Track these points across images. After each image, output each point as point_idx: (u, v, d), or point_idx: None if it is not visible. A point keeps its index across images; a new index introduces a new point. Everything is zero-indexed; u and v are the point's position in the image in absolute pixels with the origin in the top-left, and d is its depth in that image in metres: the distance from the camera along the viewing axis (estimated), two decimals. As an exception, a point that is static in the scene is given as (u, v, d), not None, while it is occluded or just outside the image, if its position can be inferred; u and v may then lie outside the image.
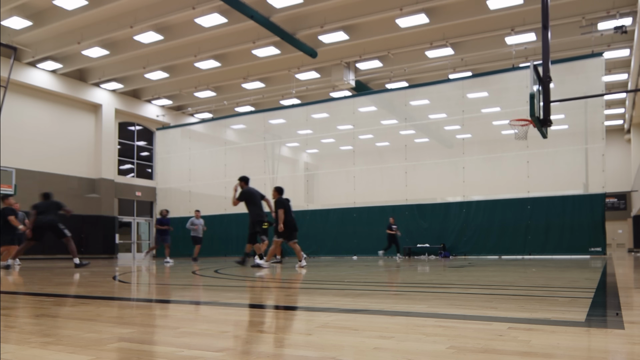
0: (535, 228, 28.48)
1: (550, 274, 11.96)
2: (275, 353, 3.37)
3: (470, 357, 3.15)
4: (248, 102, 44.43)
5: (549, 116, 16.69)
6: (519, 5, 27.22)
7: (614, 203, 51.95)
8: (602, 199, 27.34)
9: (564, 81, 26.90)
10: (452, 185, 31.50)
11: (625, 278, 10.83)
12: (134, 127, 44.55)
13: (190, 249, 29.33)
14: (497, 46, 32.06)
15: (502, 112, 30.65)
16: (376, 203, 32.78)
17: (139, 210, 44.24)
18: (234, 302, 7.02)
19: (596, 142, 27.45)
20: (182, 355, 3.27)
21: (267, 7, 28.58)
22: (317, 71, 37.40)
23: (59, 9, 29.13)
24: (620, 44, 31.58)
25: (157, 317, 5.49)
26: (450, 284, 9.86)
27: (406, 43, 32.51)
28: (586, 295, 6.92)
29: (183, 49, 33.91)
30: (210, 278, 12.17)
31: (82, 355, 3.32)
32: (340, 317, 5.01)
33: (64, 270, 16.60)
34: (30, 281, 11.50)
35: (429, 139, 35.79)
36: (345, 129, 36.23)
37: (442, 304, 6.51)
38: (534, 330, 3.98)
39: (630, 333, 3.89)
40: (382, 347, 3.50)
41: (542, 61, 16.87)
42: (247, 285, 10.09)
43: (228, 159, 39.52)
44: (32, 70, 35.75)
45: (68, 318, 5.14)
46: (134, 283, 11.56)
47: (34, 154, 36.04)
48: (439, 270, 14.71)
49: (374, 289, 9.09)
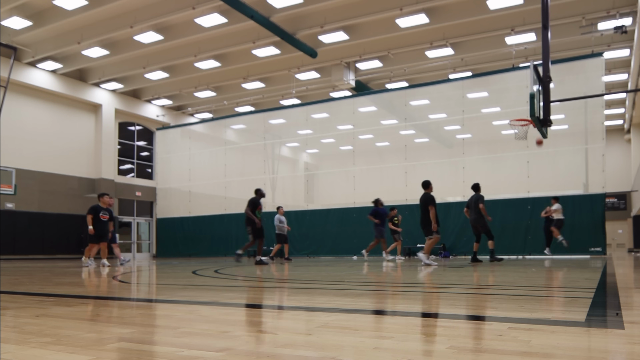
0: (536, 228, 28.43)
1: (550, 274, 11.96)
2: (275, 353, 3.36)
3: (470, 357, 3.15)
4: (248, 102, 44.44)
5: (549, 116, 16.71)
6: (519, 5, 27.22)
7: (614, 203, 51.96)
8: (602, 199, 27.31)
9: (564, 81, 26.88)
10: (452, 185, 31.44)
11: (625, 278, 10.83)
12: (134, 127, 44.56)
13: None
14: (497, 46, 32.06)
15: (502, 112, 30.61)
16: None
17: (139, 210, 44.25)
18: (234, 302, 7.03)
19: (596, 142, 27.43)
20: (182, 355, 3.27)
21: (267, 7, 28.58)
22: (317, 71, 37.41)
23: (59, 9, 29.13)
24: (620, 44, 31.59)
25: (157, 317, 5.49)
26: (450, 283, 9.87)
27: (406, 43, 32.52)
28: (586, 295, 6.91)
29: (183, 49, 33.91)
30: (210, 278, 12.17)
31: (82, 355, 3.33)
32: (340, 317, 5.02)
33: (64, 270, 16.60)
34: (30, 281, 11.49)
35: (429, 139, 35.75)
36: (345, 129, 36.20)
37: (442, 303, 6.53)
38: (534, 330, 3.98)
39: (630, 333, 3.89)
40: (382, 347, 3.50)
41: (542, 61, 16.88)
42: (247, 285, 10.10)
43: (228, 159, 39.51)
44: (32, 70, 35.75)
45: (68, 318, 5.14)
46: (134, 283, 11.57)
47: (34, 154, 36.06)
48: (439, 270, 14.69)
49: (374, 289, 9.10)
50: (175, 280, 11.82)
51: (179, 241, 40.21)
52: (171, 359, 3.21)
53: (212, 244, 37.12)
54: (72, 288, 9.54)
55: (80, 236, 36.59)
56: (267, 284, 10.59)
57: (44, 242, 35.77)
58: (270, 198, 37.39)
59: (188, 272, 14.63)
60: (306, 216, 34.52)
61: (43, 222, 35.93)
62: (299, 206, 35.10)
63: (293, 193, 37.16)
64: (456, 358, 3.12)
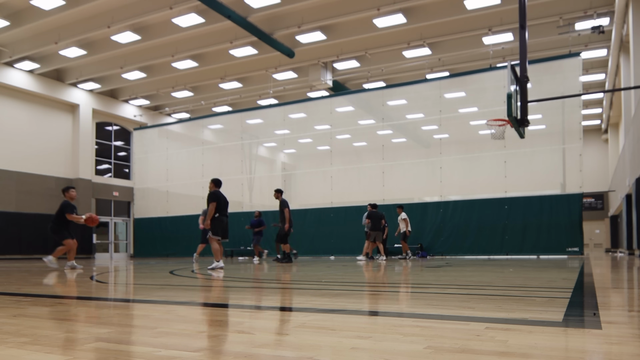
0: (513, 228, 28.56)
1: (527, 274, 12.00)
2: (253, 353, 3.34)
3: (447, 357, 3.14)
4: (225, 102, 44.42)
5: (526, 116, 16.76)
6: (496, 5, 27.32)
7: (591, 203, 52.37)
8: (580, 199, 27.43)
9: (541, 81, 27.01)
10: (429, 185, 31.53)
11: (602, 278, 10.89)
12: (111, 127, 44.38)
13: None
14: (475, 46, 32.16)
15: (480, 112, 30.70)
16: (353, 203, 32.73)
17: (116, 211, 44.08)
18: (211, 302, 7.01)
19: (573, 142, 27.55)
20: (159, 355, 3.26)
21: (244, 7, 28.54)
22: (294, 71, 37.42)
23: (36, 9, 28.96)
24: (597, 44, 31.82)
25: (135, 317, 5.46)
26: (428, 284, 9.88)
27: (383, 43, 32.58)
28: (563, 295, 6.94)
29: (160, 49, 33.82)
30: (188, 278, 12.14)
31: (59, 355, 3.31)
32: (317, 317, 5.01)
33: (41, 270, 16.51)
34: (7, 281, 11.42)
35: (406, 139, 35.79)
36: (323, 129, 36.19)
37: (419, 304, 6.53)
38: (512, 330, 3.99)
39: (607, 333, 3.91)
40: (360, 347, 3.49)
41: (520, 61, 16.93)
42: (225, 286, 10.07)
43: (205, 159, 39.45)
44: (9, 70, 35.54)
45: (45, 318, 5.12)
46: (112, 283, 11.52)
47: (11, 154, 35.90)
48: (416, 270, 14.73)
49: (351, 289, 9.09)
50: (153, 280, 11.78)
51: (157, 241, 40.14)
52: (148, 359, 3.19)
53: (190, 244, 36.95)
54: (50, 288, 9.50)
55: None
56: (245, 284, 10.57)
57: (21, 242, 35.58)
58: (248, 198, 37.37)
59: (165, 272, 14.59)
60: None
61: (20, 222, 35.75)
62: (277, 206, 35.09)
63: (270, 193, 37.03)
64: (433, 358, 3.11)
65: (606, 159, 51.55)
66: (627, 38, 28.97)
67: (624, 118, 35.09)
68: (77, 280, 11.67)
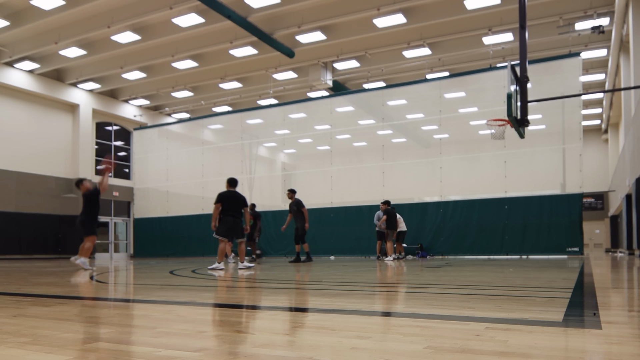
0: (513, 228, 28.50)
1: (527, 274, 11.99)
2: (253, 353, 3.35)
3: (447, 357, 3.14)
4: (225, 102, 44.41)
5: (526, 116, 16.76)
6: (496, 5, 27.32)
7: (591, 203, 52.37)
8: (580, 199, 27.38)
9: (541, 81, 26.97)
10: (429, 185, 31.46)
11: (602, 278, 10.88)
12: (111, 127, 44.37)
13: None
14: (475, 46, 32.15)
15: (480, 112, 30.63)
16: (353, 203, 32.71)
17: (116, 211, 44.05)
18: (211, 302, 7.00)
19: (573, 142, 27.50)
20: (159, 355, 3.26)
21: (244, 7, 28.54)
22: (294, 71, 37.42)
23: (37, 9, 28.94)
24: (597, 44, 31.81)
25: (135, 317, 5.46)
26: (428, 284, 9.87)
27: (383, 43, 32.58)
28: (563, 295, 6.94)
29: (160, 49, 33.82)
30: (188, 278, 12.13)
31: (59, 355, 3.31)
32: (317, 317, 5.01)
33: (41, 270, 16.51)
34: (7, 281, 11.42)
35: (406, 139, 35.72)
36: (323, 129, 36.13)
37: (419, 304, 6.52)
38: (512, 330, 3.99)
39: (607, 333, 3.91)
40: (360, 347, 3.49)
41: (520, 61, 16.92)
42: (224, 286, 10.07)
43: (205, 159, 39.41)
44: (9, 70, 35.53)
45: (45, 318, 5.10)
46: (112, 283, 11.52)
47: (11, 154, 35.88)
48: (417, 271, 14.72)
49: (351, 289, 9.08)
50: (153, 280, 11.77)
51: (157, 241, 40.09)
52: (148, 359, 3.19)
53: (190, 244, 37.02)
54: (50, 288, 9.48)
55: (58, 236, 36.49)
56: (245, 284, 10.56)
57: (21, 242, 35.57)
58: (248, 198, 37.39)
59: (165, 272, 14.58)
60: (283, 216, 34.38)
61: (20, 222, 35.73)
62: (277, 206, 35.00)
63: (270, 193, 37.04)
64: (433, 358, 3.11)
65: (606, 159, 51.55)
66: (627, 38, 28.98)
67: (624, 118, 35.10)
68: (77, 281, 11.67)
